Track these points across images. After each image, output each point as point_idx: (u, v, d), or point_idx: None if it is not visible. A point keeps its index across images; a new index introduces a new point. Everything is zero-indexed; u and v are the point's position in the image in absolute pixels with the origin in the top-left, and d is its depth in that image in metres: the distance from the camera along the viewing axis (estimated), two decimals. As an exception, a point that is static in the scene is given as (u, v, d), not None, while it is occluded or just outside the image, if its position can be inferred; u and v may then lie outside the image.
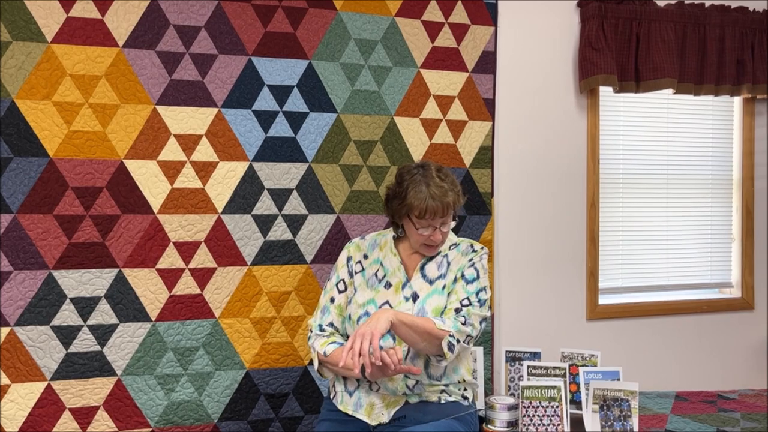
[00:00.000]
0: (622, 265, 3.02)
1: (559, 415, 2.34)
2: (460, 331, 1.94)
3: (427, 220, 1.98)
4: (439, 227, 2.01)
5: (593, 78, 2.77)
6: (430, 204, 1.95)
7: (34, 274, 2.19)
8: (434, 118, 2.62)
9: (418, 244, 2.06)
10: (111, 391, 2.26)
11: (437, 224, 2.00)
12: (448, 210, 2.00)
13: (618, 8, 2.80)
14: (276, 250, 2.44)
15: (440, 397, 2.03)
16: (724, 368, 3.09)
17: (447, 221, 2.03)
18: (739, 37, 2.97)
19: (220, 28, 2.37)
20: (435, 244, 2.03)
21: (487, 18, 2.69)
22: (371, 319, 1.85)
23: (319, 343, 2.06)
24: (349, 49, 2.51)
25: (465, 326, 1.95)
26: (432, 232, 2.00)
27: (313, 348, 2.07)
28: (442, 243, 2.06)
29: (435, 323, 1.91)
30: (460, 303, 1.99)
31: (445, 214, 1.99)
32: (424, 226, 2.00)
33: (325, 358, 2.03)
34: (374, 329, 1.80)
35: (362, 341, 1.78)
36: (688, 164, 3.10)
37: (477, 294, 2.02)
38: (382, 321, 1.82)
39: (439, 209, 1.96)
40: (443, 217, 1.99)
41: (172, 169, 2.33)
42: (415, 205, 1.96)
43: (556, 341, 2.77)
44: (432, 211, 1.95)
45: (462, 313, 1.97)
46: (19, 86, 2.18)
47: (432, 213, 1.96)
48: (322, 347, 2.04)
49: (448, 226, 2.05)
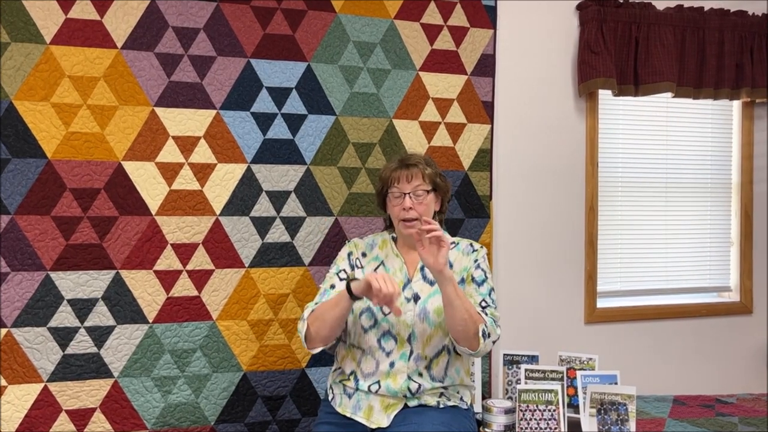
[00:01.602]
0: (620, 269, 3.01)
1: (557, 418, 2.34)
2: (493, 328, 1.96)
3: (396, 186, 2.03)
4: (411, 195, 2.01)
5: (592, 81, 2.77)
6: (395, 169, 2.06)
7: (32, 275, 2.19)
8: (433, 120, 2.62)
9: (398, 222, 2.05)
10: (108, 393, 2.26)
11: (406, 189, 2.02)
12: (414, 176, 2.03)
13: (617, 12, 2.80)
14: (274, 252, 2.44)
15: (439, 402, 2.03)
16: (723, 372, 3.09)
17: (419, 191, 2.02)
18: (739, 41, 2.97)
19: (219, 30, 2.37)
20: (408, 216, 2.01)
21: (486, 21, 2.69)
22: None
23: (306, 312, 2.01)
24: (348, 51, 2.51)
25: (495, 326, 1.98)
26: (402, 201, 2.01)
27: (303, 318, 2.00)
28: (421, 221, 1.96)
29: (478, 311, 1.93)
30: (480, 306, 2.00)
31: (412, 179, 2.02)
32: (396, 196, 2.03)
33: (314, 314, 1.97)
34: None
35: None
36: (687, 168, 3.10)
37: (490, 295, 2.05)
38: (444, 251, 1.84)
39: (404, 174, 2.03)
40: (410, 182, 2.02)
41: (170, 171, 2.33)
42: (386, 177, 2.07)
43: (553, 344, 2.77)
44: (398, 176, 2.03)
45: (487, 314, 1.99)
46: (18, 87, 2.18)
47: (398, 178, 2.03)
48: (309, 311, 1.99)
49: (424, 200, 2.03)
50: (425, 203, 2.04)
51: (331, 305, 1.95)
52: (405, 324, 2.00)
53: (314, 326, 1.96)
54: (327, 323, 1.94)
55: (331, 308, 1.94)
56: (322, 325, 1.95)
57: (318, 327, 1.96)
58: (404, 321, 2.00)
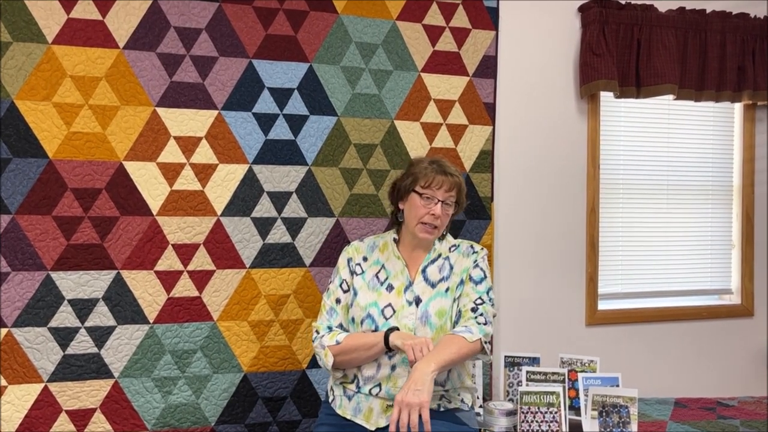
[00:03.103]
0: (621, 271, 3.01)
1: (558, 421, 2.34)
2: (486, 333, 1.98)
3: (432, 190, 2.02)
4: (441, 204, 2.02)
5: (594, 83, 2.77)
6: (435, 172, 2.03)
7: (32, 275, 2.19)
8: (434, 122, 2.62)
9: (417, 222, 2.03)
10: (108, 394, 2.25)
11: (440, 196, 2.02)
12: (452, 187, 2.04)
13: (619, 14, 2.80)
14: (275, 253, 2.43)
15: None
16: (724, 375, 3.09)
17: (449, 201, 2.05)
18: (740, 44, 2.97)
19: (220, 31, 2.37)
20: (434, 222, 2.02)
21: (488, 22, 2.69)
22: (416, 380, 1.78)
23: (327, 338, 2.02)
24: (350, 52, 2.51)
25: (486, 326, 1.99)
26: (434, 206, 2.01)
27: (322, 345, 2.01)
28: (439, 230, 2.06)
29: (465, 338, 1.92)
30: (474, 303, 2.02)
31: (449, 189, 2.03)
32: (428, 197, 2.02)
33: (340, 347, 1.98)
34: (422, 399, 1.75)
35: (411, 412, 1.74)
36: (688, 170, 3.10)
37: (487, 293, 2.06)
38: (428, 384, 1.77)
39: (444, 181, 2.02)
40: (447, 192, 2.03)
41: (172, 171, 2.32)
42: (422, 175, 2.04)
43: (555, 347, 2.76)
44: (438, 182, 2.02)
45: (479, 311, 2.00)
46: (19, 87, 2.17)
47: (438, 183, 2.02)
48: (332, 338, 2.01)
49: (450, 212, 2.07)
50: (449, 214, 2.08)
51: (364, 347, 1.96)
52: (407, 327, 2.00)
53: (339, 359, 2.00)
54: (356, 362, 2.00)
55: (364, 350, 1.96)
56: (350, 362, 2.00)
57: (346, 362, 2.00)
58: (406, 324, 2.00)
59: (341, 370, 2.05)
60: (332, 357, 1.99)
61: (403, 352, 1.89)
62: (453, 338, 1.92)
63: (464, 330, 1.94)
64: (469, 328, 1.95)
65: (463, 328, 1.95)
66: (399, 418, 1.74)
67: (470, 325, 1.96)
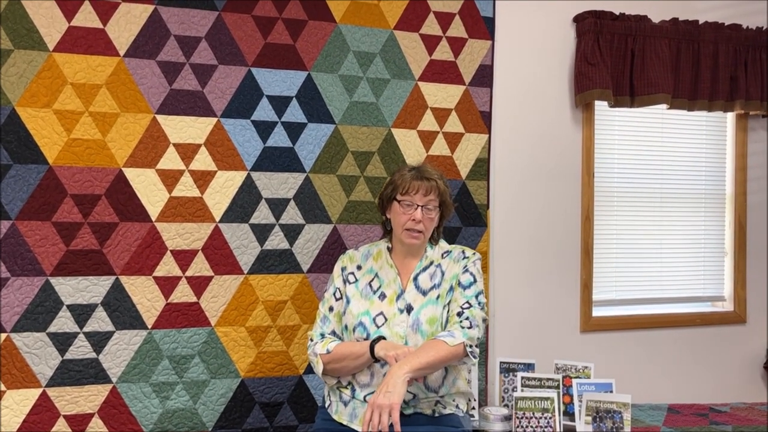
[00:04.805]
0: (615, 278, 3.04)
1: (553, 426, 2.36)
2: (471, 337, 1.97)
3: (410, 195, 2.04)
4: (422, 208, 2.03)
5: (589, 92, 2.80)
6: (412, 178, 2.06)
7: (32, 280, 2.20)
8: (431, 130, 2.65)
9: (402, 229, 2.06)
10: (106, 399, 2.26)
11: (418, 201, 2.03)
12: (431, 191, 2.05)
13: (613, 24, 2.84)
14: (273, 259, 2.45)
15: (435, 410, 2.04)
16: (717, 381, 3.11)
17: (429, 205, 2.05)
18: (733, 54, 3.01)
19: (220, 39, 2.39)
20: (416, 227, 2.03)
21: (484, 32, 2.72)
22: (388, 383, 1.82)
23: (319, 346, 2.05)
24: (348, 61, 2.54)
25: (472, 329, 1.98)
26: (413, 212, 2.03)
27: (315, 353, 2.05)
28: (425, 234, 2.06)
29: (447, 342, 1.92)
30: (461, 307, 2.02)
31: (427, 193, 2.04)
32: (407, 203, 2.04)
33: (330, 355, 2.01)
34: (393, 401, 1.78)
35: (381, 414, 1.77)
36: (681, 178, 3.13)
37: (476, 297, 2.06)
38: (399, 387, 1.81)
39: (420, 185, 2.04)
40: (425, 196, 2.04)
41: (171, 178, 2.34)
42: (400, 183, 2.07)
43: (549, 353, 2.79)
44: (414, 187, 2.04)
45: (465, 315, 2.00)
46: (20, 94, 2.19)
47: (415, 188, 2.04)
48: (324, 347, 2.03)
49: (433, 216, 2.07)
50: (432, 218, 2.07)
51: (351, 356, 1.99)
52: (398, 335, 2.01)
53: (330, 367, 2.03)
54: (346, 371, 2.03)
55: (352, 359, 1.99)
56: (340, 370, 2.03)
57: (336, 370, 2.03)
58: (397, 332, 2.01)
59: (335, 377, 2.06)
60: (323, 365, 2.02)
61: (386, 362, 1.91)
62: (432, 342, 1.93)
63: (446, 334, 1.95)
64: (452, 332, 1.96)
65: (446, 333, 1.96)
66: (371, 419, 1.79)
67: (454, 329, 1.97)
